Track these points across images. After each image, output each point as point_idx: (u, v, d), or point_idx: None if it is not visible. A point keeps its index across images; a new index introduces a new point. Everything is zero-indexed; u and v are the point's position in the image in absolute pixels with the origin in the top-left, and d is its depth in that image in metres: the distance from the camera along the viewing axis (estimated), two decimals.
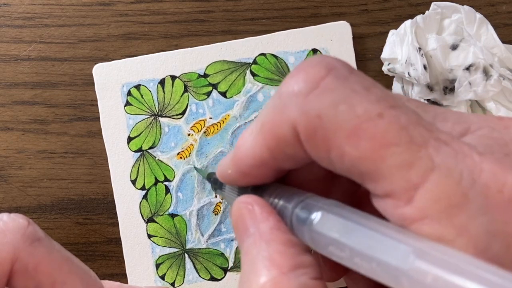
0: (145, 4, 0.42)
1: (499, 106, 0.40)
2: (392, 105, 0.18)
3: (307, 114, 0.19)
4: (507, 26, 0.43)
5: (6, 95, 0.41)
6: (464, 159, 0.17)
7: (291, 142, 0.20)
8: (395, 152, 0.17)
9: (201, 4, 0.42)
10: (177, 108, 0.42)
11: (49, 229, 0.41)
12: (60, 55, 0.42)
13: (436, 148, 0.17)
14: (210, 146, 0.41)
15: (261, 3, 0.42)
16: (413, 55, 0.39)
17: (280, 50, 0.42)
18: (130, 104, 0.41)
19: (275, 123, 0.20)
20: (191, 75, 0.42)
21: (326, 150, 0.19)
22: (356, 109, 0.18)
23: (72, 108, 0.42)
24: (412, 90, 0.41)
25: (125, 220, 0.41)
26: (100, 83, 0.41)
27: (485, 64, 0.39)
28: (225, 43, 0.42)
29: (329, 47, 0.42)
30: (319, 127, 0.18)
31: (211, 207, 0.41)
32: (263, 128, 0.21)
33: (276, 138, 0.20)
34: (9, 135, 0.41)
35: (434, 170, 0.17)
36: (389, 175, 0.18)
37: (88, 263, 0.41)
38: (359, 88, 0.18)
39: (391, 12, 0.42)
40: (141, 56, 0.41)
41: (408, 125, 0.18)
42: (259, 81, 0.42)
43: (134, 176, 0.41)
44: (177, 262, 0.41)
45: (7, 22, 0.42)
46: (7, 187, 0.41)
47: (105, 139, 0.41)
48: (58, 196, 0.41)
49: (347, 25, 0.42)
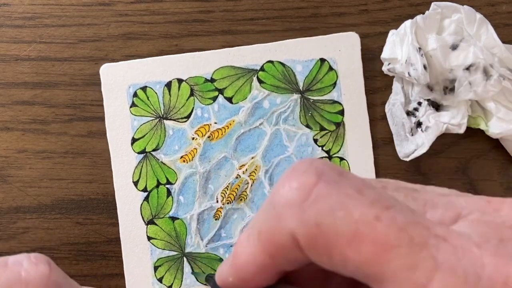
0: (145, 4, 0.42)
1: (499, 106, 0.40)
2: (387, 205, 0.18)
3: (305, 223, 0.19)
4: (507, 26, 0.43)
5: (6, 95, 0.41)
6: (465, 254, 0.18)
7: (291, 249, 0.20)
8: (398, 254, 0.18)
9: (201, 4, 0.42)
10: (183, 111, 0.41)
11: (49, 229, 0.41)
12: (60, 55, 0.42)
13: (436, 246, 0.18)
14: (213, 151, 0.41)
15: (261, 3, 0.42)
16: (413, 55, 0.39)
17: (288, 58, 0.42)
18: (135, 106, 0.41)
19: (273, 232, 0.20)
20: (198, 79, 0.42)
21: (328, 255, 0.19)
22: (353, 214, 0.18)
23: (72, 108, 0.42)
24: (412, 90, 0.41)
25: (125, 221, 0.41)
26: (107, 83, 0.41)
27: (485, 64, 0.39)
28: (233, 48, 0.42)
29: (337, 57, 0.42)
30: (319, 235, 0.19)
31: (212, 212, 0.41)
32: (260, 236, 0.21)
33: (275, 246, 0.20)
34: (9, 135, 0.41)
35: (438, 270, 0.17)
36: (395, 277, 0.18)
37: (88, 263, 0.41)
38: (351, 192, 0.19)
39: (391, 12, 0.42)
40: (149, 58, 0.42)
41: (406, 225, 0.18)
42: (266, 88, 0.42)
43: (136, 178, 0.41)
44: (175, 266, 0.41)
45: (7, 22, 0.42)
46: (7, 187, 0.41)
47: (109, 139, 0.41)
48: (58, 196, 0.41)
49: (356, 36, 0.42)
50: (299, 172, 0.20)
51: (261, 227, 0.21)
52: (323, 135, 0.42)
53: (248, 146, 0.41)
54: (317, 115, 0.42)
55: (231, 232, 0.41)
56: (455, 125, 0.40)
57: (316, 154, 0.42)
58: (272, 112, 0.42)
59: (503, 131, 0.40)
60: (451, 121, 0.40)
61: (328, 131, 0.42)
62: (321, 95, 0.42)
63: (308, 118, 0.42)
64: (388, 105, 0.42)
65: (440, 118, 0.40)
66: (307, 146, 0.41)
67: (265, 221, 0.21)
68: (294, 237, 0.19)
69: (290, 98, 0.42)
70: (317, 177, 0.19)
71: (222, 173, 0.41)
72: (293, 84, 0.42)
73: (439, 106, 0.41)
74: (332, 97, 0.42)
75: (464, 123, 0.40)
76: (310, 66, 0.42)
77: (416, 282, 0.17)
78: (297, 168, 0.20)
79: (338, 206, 0.18)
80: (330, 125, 0.42)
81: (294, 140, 0.42)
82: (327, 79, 0.42)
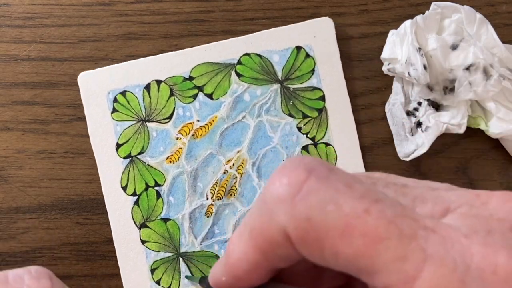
0: (145, 4, 0.42)
1: (499, 106, 0.40)
2: (376, 199, 0.19)
3: (296, 218, 0.19)
4: (507, 26, 0.43)
5: (6, 95, 0.41)
6: (453, 245, 0.18)
7: (282, 245, 0.20)
8: (388, 246, 0.18)
9: (201, 4, 0.42)
10: (164, 112, 0.41)
11: (49, 229, 0.41)
12: (60, 55, 0.42)
13: (425, 238, 0.18)
14: (199, 148, 0.41)
15: (261, 3, 0.42)
16: (413, 55, 0.39)
17: (264, 49, 0.42)
18: (116, 111, 0.41)
19: (264, 228, 0.21)
20: (176, 78, 0.42)
21: (320, 250, 0.19)
22: (343, 208, 0.18)
23: (72, 108, 0.42)
24: (412, 90, 0.41)
25: (117, 227, 0.41)
26: (86, 91, 0.41)
27: (485, 64, 0.39)
28: (208, 44, 0.42)
29: (313, 44, 0.42)
30: (310, 229, 0.19)
31: (203, 209, 0.41)
32: (252, 233, 0.21)
33: (267, 243, 0.21)
34: (9, 135, 0.41)
35: (427, 261, 0.18)
36: (386, 269, 0.18)
37: (88, 263, 0.41)
38: (341, 186, 0.19)
39: (391, 12, 0.42)
40: (126, 62, 0.41)
41: (395, 218, 0.18)
42: (245, 81, 0.42)
43: (124, 183, 0.41)
44: (172, 267, 0.41)
45: (7, 22, 0.42)
46: (7, 187, 0.41)
47: (93, 146, 0.41)
48: (58, 196, 0.41)
49: (330, 20, 0.42)
50: (289, 169, 0.20)
51: (253, 224, 0.21)
52: (306, 122, 0.42)
53: (233, 141, 0.41)
54: (298, 103, 0.42)
55: (224, 228, 0.41)
56: (455, 125, 0.40)
57: (301, 142, 0.42)
58: (253, 104, 0.42)
59: (503, 131, 0.40)
60: (451, 121, 0.40)
61: (311, 118, 0.42)
62: (301, 83, 0.42)
63: (290, 107, 0.42)
64: (388, 105, 0.42)
65: (440, 118, 0.40)
66: (291, 135, 0.42)
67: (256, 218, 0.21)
68: (286, 232, 0.20)
69: (270, 88, 0.42)
70: (307, 173, 0.19)
71: (210, 170, 0.41)
72: (271, 75, 0.42)
73: (439, 106, 0.41)
74: (311, 83, 0.42)
75: (464, 123, 0.40)
76: (286, 55, 0.42)
77: (406, 273, 0.18)
78: (288, 166, 0.20)
79: (328, 200, 0.19)
80: (312, 112, 0.42)
81: (278, 130, 0.42)
82: (305, 66, 0.42)
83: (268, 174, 0.41)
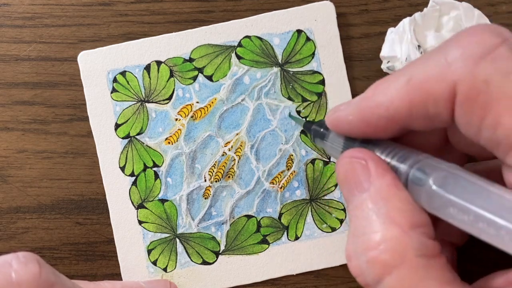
0: (145, 4, 0.42)
1: None
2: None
3: (475, 76, 0.18)
4: (507, 26, 0.42)
5: (6, 95, 0.42)
6: None
7: (441, 101, 0.19)
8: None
9: (201, 4, 0.42)
10: (164, 93, 0.42)
11: (49, 229, 0.41)
12: (60, 55, 0.42)
13: None
14: (198, 130, 0.41)
15: (261, 3, 0.42)
16: (413, 52, 0.39)
17: (264, 32, 0.42)
18: (116, 91, 0.41)
19: (430, 78, 0.19)
20: (176, 59, 0.42)
21: (481, 116, 0.18)
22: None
23: (72, 108, 0.42)
24: None
25: (115, 208, 0.41)
26: (86, 70, 0.41)
27: None
28: (209, 26, 0.42)
29: (314, 27, 0.42)
30: (482, 92, 0.18)
31: (200, 191, 0.41)
32: (410, 81, 0.20)
33: (425, 94, 0.20)
34: (9, 135, 0.41)
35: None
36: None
37: (88, 263, 0.41)
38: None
39: (391, 12, 0.43)
40: (126, 42, 0.42)
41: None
42: (245, 63, 0.42)
43: (122, 163, 0.41)
44: (168, 247, 0.41)
45: (7, 22, 0.42)
46: (7, 187, 0.41)
47: (92, 127, 0.41)
48: (58, 196, 0.41)
49: (331, 4, 0.42)
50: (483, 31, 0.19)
51: (415, 73, 0.20)
52: (305, 106, 0.42)
53: (232, 123, 0.41)
54: (298, 87, 0.42)
55: (222, 210, 0.41)
56: None
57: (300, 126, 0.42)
58: (253, 87, 0.42)
59: None
60: None
61: (310, 101, 0.42)
62: (301, 67, 0.42)
63: (289, 90, 0.42)
64: None
65: None
66: (290, 118, 0.41)
67: (421, 69, 0.20)
68: (454, 88, 0.19)
69: (270, 72, 0.42)
70: (501, 39, 0.19)
71: (208, 152, 0.41)
72: (272, 58, 0.42)
73: None
74: (311, 67, 0.42)
75: None
76: (287, 38, 0.42)
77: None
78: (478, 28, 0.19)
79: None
80: (312, 96, 0.42)
81: (277, 114, 0.42)
82: (305, 50, 0.42)
83: (266, 157, 0.41)
